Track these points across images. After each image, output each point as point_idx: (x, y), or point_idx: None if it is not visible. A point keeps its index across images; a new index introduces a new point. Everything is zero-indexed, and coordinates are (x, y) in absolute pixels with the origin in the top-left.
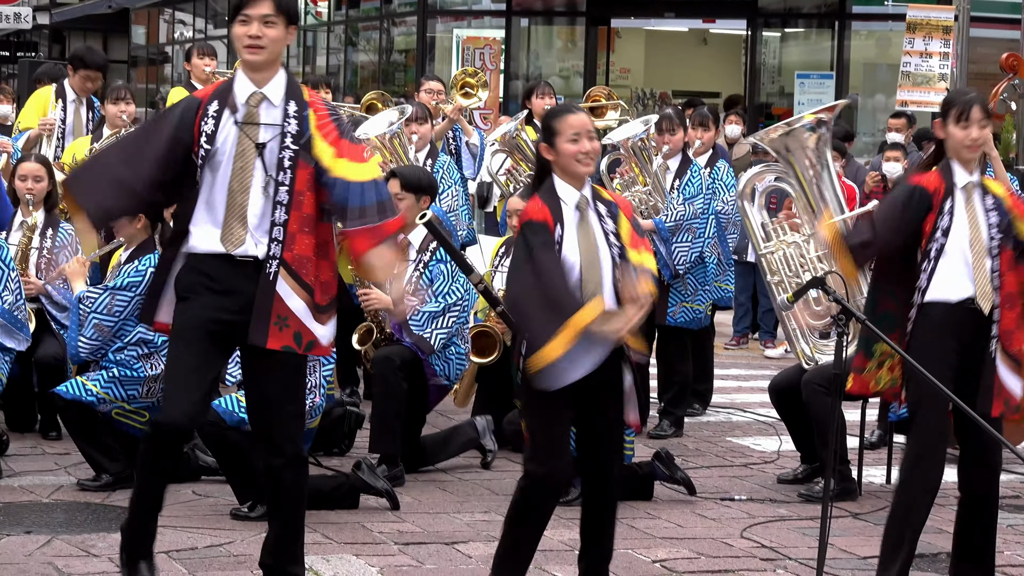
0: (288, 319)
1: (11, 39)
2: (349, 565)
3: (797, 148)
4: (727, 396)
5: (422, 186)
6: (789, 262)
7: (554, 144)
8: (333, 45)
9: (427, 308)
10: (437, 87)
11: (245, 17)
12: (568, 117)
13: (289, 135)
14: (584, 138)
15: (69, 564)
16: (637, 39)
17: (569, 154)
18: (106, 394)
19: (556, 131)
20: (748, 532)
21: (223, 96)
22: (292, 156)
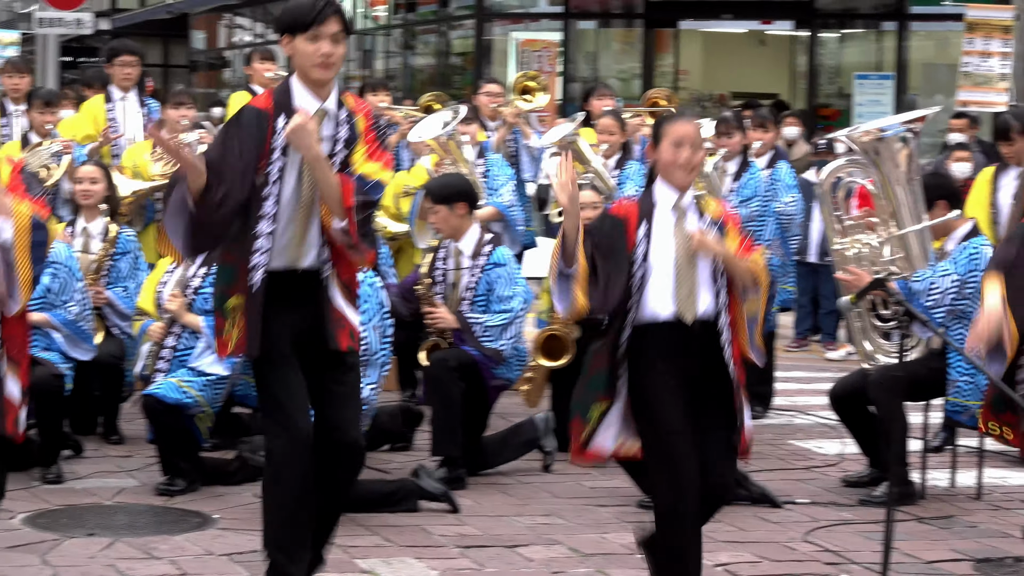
0: (342, 319)
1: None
2: (410, 568)
3: (887, 157)
4: (788, 398)
5: (450, 195)
6: (860, 261)
7: (658, 147)
8: (391, 49)
9: (495, 321)
10: (496, 89)
11: (316, 34)
12: (676, 124)
13: (341, 141)
14: (686, 147)
15: (131, 567)
16: (695, 41)
17: (667, 160)
18: (200, 396)
19: (662, 135)
20: (811, 536)
21: (287, 111)
22: (342, 161)
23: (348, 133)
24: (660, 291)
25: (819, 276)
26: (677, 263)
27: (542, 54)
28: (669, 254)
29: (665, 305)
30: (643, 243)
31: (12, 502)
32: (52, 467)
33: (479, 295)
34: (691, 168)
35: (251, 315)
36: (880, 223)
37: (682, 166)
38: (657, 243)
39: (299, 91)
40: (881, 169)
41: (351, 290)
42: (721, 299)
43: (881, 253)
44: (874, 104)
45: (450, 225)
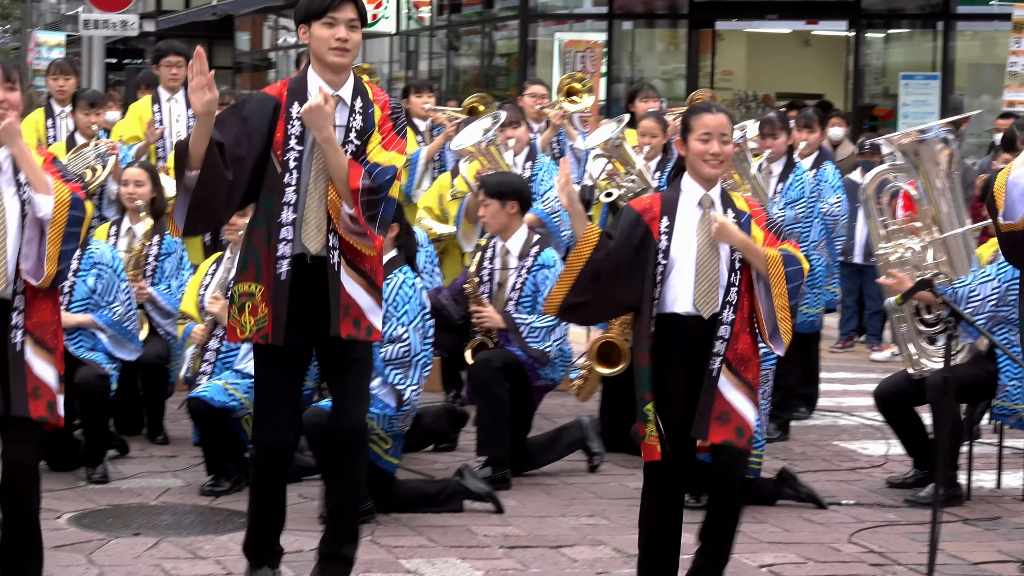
0: (351, 307)
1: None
2: (454, 568)
3: (928, 159)
4: (833, 399)
5: (504, 191)
6: (904, 265)
7: (686, 141)
8: (435, 50)
9: (541, 323)
10: (541, 91)
11: (331, 20)
12: (704, 116)
13: (354, 130)
14: (715, 139)
15: (177, 566)
16: (739, 41)
17: (696, 152)
18: (246, 399)
19: (690, 128)
20: (856, 537)
21: (300, 97)
22: (353, 151)
23: (362, 123)
24: (680, 286)
25: (864, 277)
26: (699, 259)
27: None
28: (691, 249)
29: (684, 300)
30: (664, 238)
31: (58, 502)
32: (98, 467)
33: (525, 296)
34: (720, 160)
35: (278, 304)
36: (923, 227)
37: (711, 158)
38: (680, 238)
39: (314, 79)
40: (922, 172)
41: (369, 278)
42: (731, 296)
43: (924, 257)
44: (920, 104)
45: (498, 221)
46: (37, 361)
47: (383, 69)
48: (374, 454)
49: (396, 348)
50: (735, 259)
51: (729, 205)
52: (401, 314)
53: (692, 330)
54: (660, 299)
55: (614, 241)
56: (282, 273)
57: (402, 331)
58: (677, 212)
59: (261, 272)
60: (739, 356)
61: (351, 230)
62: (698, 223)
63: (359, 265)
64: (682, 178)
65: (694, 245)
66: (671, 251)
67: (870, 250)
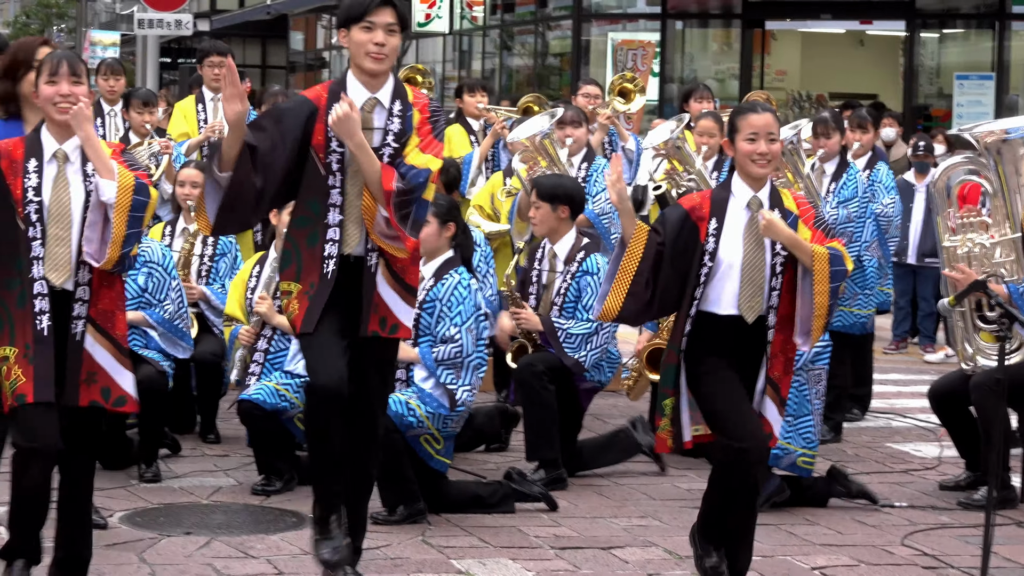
0: (379, 306)
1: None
2: (505, 569)
3: (1009, 159)
4: (886, 401)
5: (557, 195)
6: (971, 260)
7: (734, 141)
8: (488, 49)
9: (579, 330)
10: (594, 91)
11: (369, 24)
12: (750, 116)
13: (391, 133)
14: (762, 139)
15: (228, 565)
16: (793, 41)
17: (744, 152)
18: (296, 398)
19: (737, 128)
20: (909, 539)
21: (338, 100)
22: (391, 154)
23: (399, 126)
24: (724, 289)
25: (918, 278)
26: (744, 262)
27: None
28: (738, 253)
29: (728, 303)
30: (712, 240)
31: (110, 500)
32: (151, 466)
33: (568, 302)
34: (767, 159)
35: (317, 298)
36: (994, 224)
37: (758, 158)
38: (727, 241)
39: (352, 83)
40: (1001, 170)
41: (401, 279)
42: (773, 299)
43: (992, 254)
44: (975, 104)
45: (548, 225)
46: (97, 348)
47: (436, 68)
48: (426, 453)
49: (449, 348)
50: (776, 263)
51: (778, 204)
52: (455, 315)
53: (730, 331)
54: (701, 299)
55: (662, 240)
56: (328, 273)
57: (455, 331)
58: (726, 214)
59: (301, 272)
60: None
61: (384, 234)
62: (746, 226)
63: (393, 265)
64: (732, 179)
65: (741, 249)
66: (718, 253)
67: (923, 251)
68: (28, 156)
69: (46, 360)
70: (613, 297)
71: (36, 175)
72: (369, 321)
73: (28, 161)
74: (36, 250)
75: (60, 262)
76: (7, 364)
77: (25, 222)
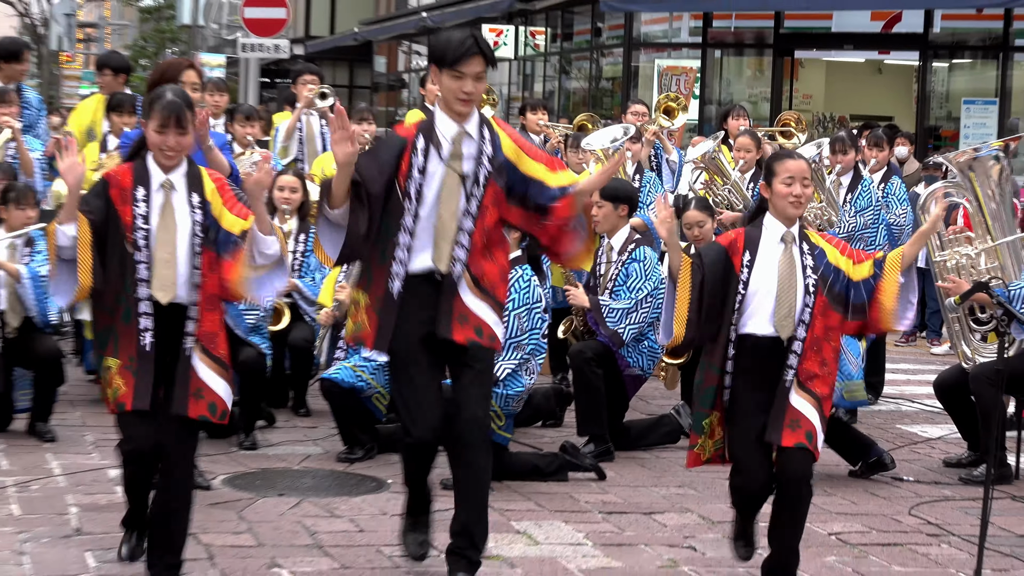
0: (469, 317)
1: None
2: (559, 531)
3: (982, 173)
4: (897, 388)
5: (619, 196)
6: (960, 270)
7: (771, 184)
8: (548, 73)
9: (620, 305)
10: (642, 110)
11: (459, 73)
12: (787, 162)
13: (485, 155)
14: (797, 183)
15: (316, 524)
16: (818, 69)
17: (781, 195)
18: (372, 379)
19: (774, 172)
20: (916, 510)
21: (428, 134)
22: (486, 175)
23: (492, 149)
24: (760, 312)
25: (926, 279)
26: (779, 287)
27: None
28: (772, 279)
29: (764, 324)
30: (745, 271)
31: (213, 465)
32: (249, 435)
33: (618, 284)
34: (801, 202)
35: (385, 316)
36: (976, 236)
37: (793, 200)
38: (760, 270)
39: (442, 117)
40: (976, 185)
41: (490, 293)
42: (805, 316)
43: (978, 263)
44: (980, 127)
45: (609, 222)
46: (203, 368)
47: (503, 90)
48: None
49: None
50: (808, 283)
51: (804, 240)
52: (508, 301)
53: (766, 349)
54: (737, 323)
55: (703, 272)
56: (393, 290)
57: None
58: (759, 248)
59: (371, 285)
60: (808, 372)
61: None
62: (780, 255)
63: (480, 281)
64: (764, 217)
65: (775, 275)
66: (751, 282)
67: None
68: (136, 184)
69: (146, 373)
70: (677, 326)
71: (144, 203)
72: (459, 329)
73: (136, 189)
74: (142, 272)
75: (167, 283)
76: (110, 373)
77: (132, 246)
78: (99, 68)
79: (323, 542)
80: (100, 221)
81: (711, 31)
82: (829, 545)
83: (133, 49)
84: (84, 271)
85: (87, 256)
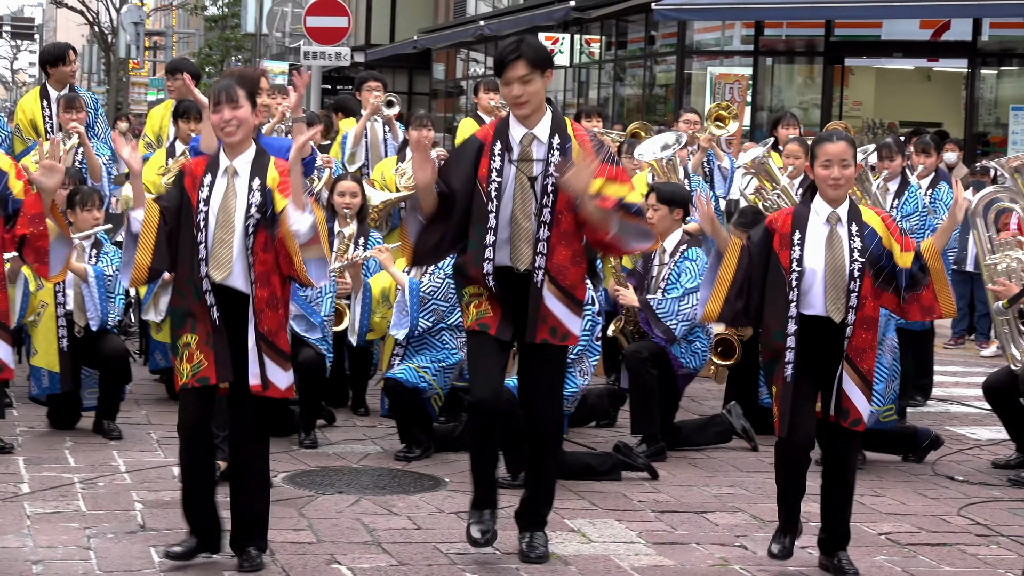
0: (548, 317)
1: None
2: (612, 528)
3: None
4: (946, 390)
5: (675, 200)
6: (1010, 274)
7: (813, 166)
8: (603, 80)
9: (671, 295)
10: (694, 118)
11: (505, 81)
12: (825, 145)
13: (552, 164)
14: (835, 165)
15: (374, 520)
16: (868, 76)
17: (820, 178)
18: (434, 380)
19: (815, 155)
20: (964, 511)
21: (503, 137)
22: (555, 183)
23: (559, 157)
24: (812, 293)
25: (975, 283)
26: (827, 269)
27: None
28: (820, 261)
29: (816, 305)
30: (797, 248)
31: (275, 463)
32: (309, 434)
33: (671, 284)
34: (839, 183)
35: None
36: None
37: (832, 182)
38: (810, 251)
39: (513, 122)
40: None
41: (569, 293)
42: (852, 300)
43: None
44: None
45: (664, 225)
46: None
47: (559, 96)
48: None
49: None
50: (855, 268)
51: (856, 219)
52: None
53: (819, 330)
54: (798, 301)
55: (751, 255)
56: (492, 286)
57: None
58: (808, 227)
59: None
60: (856, 349)
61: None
62: (826, 238)
63: (560, 281)
64: (815, 198)
65: (823, 257)
66: (804, 262)
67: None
68: (207, 172)
69: (223, 346)
70: (713, 303)
71: (208, 188)
72: (539, 331)
73: (205, 176)
74: (201, 252)
75: (222, 261)
76: (190, 349)
77: (195, 228)
78: (171, 72)
79: (381, 539)
80: (173, 207)
81: (762, 39)
82: (879, 545)
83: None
84: (144, 251)
85: (149, 237)
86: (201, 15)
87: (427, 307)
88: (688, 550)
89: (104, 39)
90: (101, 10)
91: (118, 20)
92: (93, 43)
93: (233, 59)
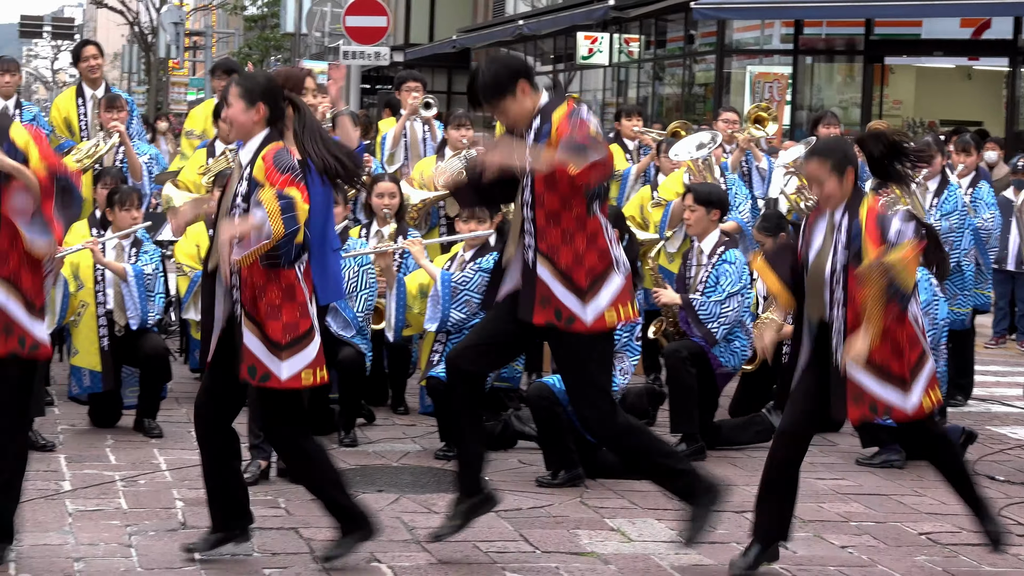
0: (550, 299)
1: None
2: (652, 528)
3: None
4: (987, 390)
5: (712, 200)
6: None
7: None
8: (642, 79)
9: (712, 298)
10: (733, 117)
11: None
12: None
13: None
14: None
15: (414, 519)
16: (908, 75)
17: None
18: None
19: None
20: (1006, 511)
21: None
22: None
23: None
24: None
25: (1016, 282)
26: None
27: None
28: (809, 263)
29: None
30: (804, 249)
31: None
32: (349, 432)
33: (709, 287)
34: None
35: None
36: None
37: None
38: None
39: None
40: None
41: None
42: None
43: None
44: None
45: (701, 225)
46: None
47: (597, 96)
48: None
49: None
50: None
51: (855, 217)
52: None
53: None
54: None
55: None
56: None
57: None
58: (813, 231)
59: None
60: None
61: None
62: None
63: (555, 261)
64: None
65: (818, 250)
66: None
67: (1022, 259)
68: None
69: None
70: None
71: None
72: (539, 312)
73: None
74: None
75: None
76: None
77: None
78: (221, 72)
79: (421, 537)
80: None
81: (802, 38)
82: (920, 544)
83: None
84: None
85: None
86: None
87: (459, 298)
88: (728, 549)
89: (144, 39)
90: (141, 10)
91: (158, 20)
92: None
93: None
